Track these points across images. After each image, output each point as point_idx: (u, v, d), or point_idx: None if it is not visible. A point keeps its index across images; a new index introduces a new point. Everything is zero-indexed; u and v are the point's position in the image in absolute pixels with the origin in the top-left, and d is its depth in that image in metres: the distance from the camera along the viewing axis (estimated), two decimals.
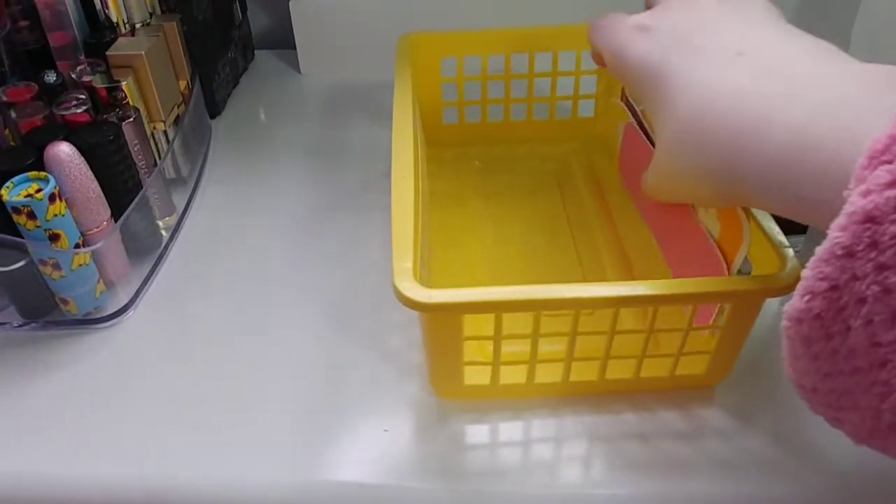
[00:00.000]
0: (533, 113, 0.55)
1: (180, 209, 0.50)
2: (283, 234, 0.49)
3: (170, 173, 0.52)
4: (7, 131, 0.43)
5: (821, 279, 0.20)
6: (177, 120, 0.52)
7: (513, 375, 0.36)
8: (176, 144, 0.51)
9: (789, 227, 0.33)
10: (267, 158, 0.57)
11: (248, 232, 0.49)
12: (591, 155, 0.55)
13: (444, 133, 0.56)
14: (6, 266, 0.39)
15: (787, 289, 0.31)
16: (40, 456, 0.36)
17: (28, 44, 0.48)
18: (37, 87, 0.44)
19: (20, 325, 0.42)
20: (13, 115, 0.42)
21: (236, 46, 0.65)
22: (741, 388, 0.38)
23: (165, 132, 0.50)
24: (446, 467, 0.35)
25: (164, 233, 0.48)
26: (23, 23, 0.47)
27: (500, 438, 0.36)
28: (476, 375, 0.36)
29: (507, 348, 0.34)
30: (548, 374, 0.36)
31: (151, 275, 0.45)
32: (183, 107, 0.53)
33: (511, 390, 0.37)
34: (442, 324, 0.33)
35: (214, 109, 0.61)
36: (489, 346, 0.34)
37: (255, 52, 0.70)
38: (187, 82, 0.54)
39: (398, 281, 0.31)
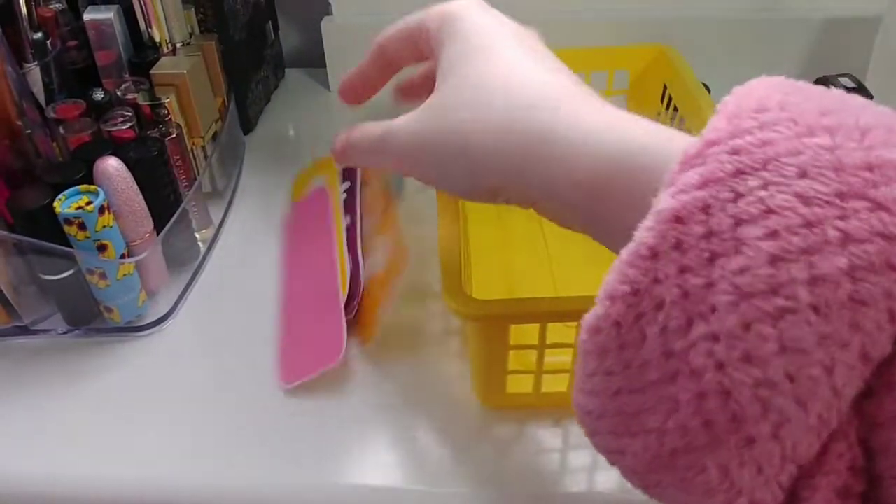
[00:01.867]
0: None
1: (217, 222, 0.52)
2: None
3: (207, 187, 0.53)
4: (56, 146, 0.45)
5: (622, 282, 0.19)
6: (214, 136, 0.54)
7: (554, 384, 0.37)
8: (213, 159, 0.53)
9: None
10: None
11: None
12: None
13: None
14: (55, 275, 0.41)
15: None
16: (83, 458, 0.37)
17: (76, 63, 0.50)
18: (84, 104, 0.46)
19: (64, 332, 0.44)
20: (62, 130, 0.44)
21: (268, 65, 0.67)
22: None
23: (203, 148, 0.52)
24: (489, 473, 0.36)
25: (201, 245, 0.50)
26: (71, 43, 0.49)
27: (541, 445, 0.37)
28: (519, 384, 0.37)
29: (550, 358, 0.35)
30: None
31: (190, 285, 0.47)
32: (220, 123, 0.54)
33: (552, 399, 0.38)
34: (489, 333, 0.34)
35: (248, 126, 0.63)
36: (532, 355, 0.35)
37: (286, 70, 0.72)
38: (223, 99, 0.56)
39: (448, 292, 0.32)
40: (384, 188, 0.50)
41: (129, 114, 0.46)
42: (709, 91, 0.61)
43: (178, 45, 0.53)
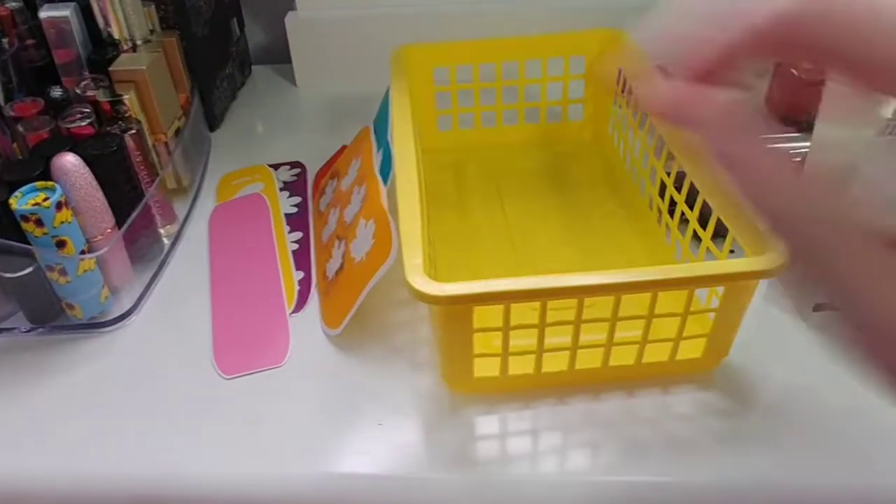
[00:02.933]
0: (524, 118, 0.57)
1: (182, 217, 0.52)
2: None
3: (171, 183, 0.53)
4: (15, 145, 0.44)
5: None
6: (177, 132, 0.53)
7: (521, 366, 0.37)
8: (176, 155, 0.52)
9: None
10: None
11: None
12: (582, 157, 0.56)
13: (440, 140, 0.57)
14: (15, 272, 0.41)
15: (778, 270, 0.32)
16: (48, 455, 0.37)
17: (34, 61, 0.50)
18: (43, 102, 0.45)
19: (28, 331, 0.43)
20: (21, 129, 0.44)
21: (234, 62, 0.67)
22: (738, 369, 0.39)
23: (166, 144, 0.52)
24: (459, 457, 0.36)
25: (165, 240, 0.49)
26: (29, 41, 0.49)
27: (510, 428, 0.37)
28: (486, 368, 0.37)
29: (515, 341, 0.35)
30: (554, 364, 0.37)
31: (154, 280, 0.47)
32: (183, 119, 0.54)
33: (520, 381, 0.38)
34: (453, 316, 0.34)
35: (214, 122, 0.62)
36: (498, 339, 0.35)
37: (253, 67, 0.72)
38: (187, 96, 0.56)
39: (410, 276, 0.32)
40: (371, 173, 0.50)
41: (88, 111, 0.45)
42: None
43: (139, 43, 0.53)
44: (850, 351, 0.19)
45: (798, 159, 0.43)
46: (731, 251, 0.38)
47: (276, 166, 0.58)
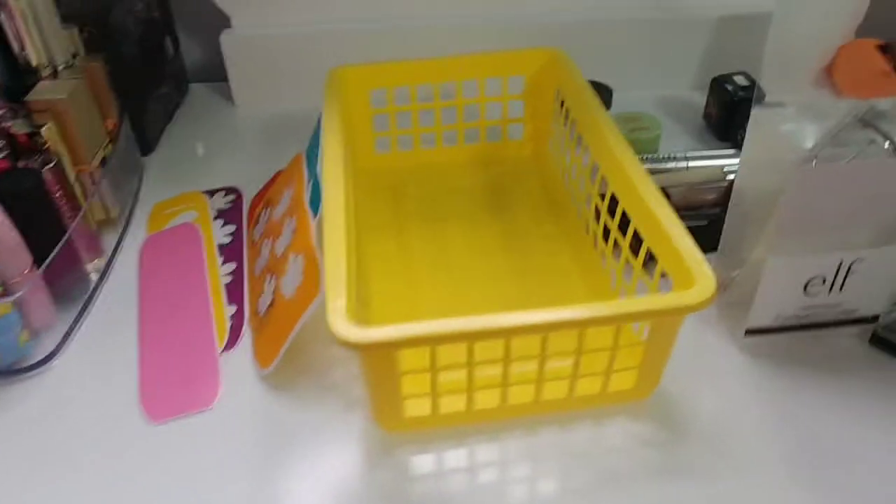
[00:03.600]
0: (464, 139, 0.57)
1: (110, 251, 0.50)
2: None
3: (99, 214, 0.51)
4: None
5: None
6: (104, 161, 0.52)
7: (453, 404, 0.36)
8: (103, 186, 0.51)
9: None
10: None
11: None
12: (523, 177, 0.56)
13: (379, 162, 0.56)
14: None
15: (705, 304, 0.32)
16: None
17: None
18: None
19: None
20: None
21: (169, 81, 0.65)
22: (671, 397, 0.39)
23: (91, 174, 0.50)
24: (393, 497, 0.35)
25: (92, 276, 0.48)
26: None
27: (445, 466, 0.37)
28: (417, 407, 0.36)
29: (446, 377, 0.35)
30: (487, 400, 0.37)
31: (78, 320, 0.45)
32: (110, 147, 0.52)
33: (453, 418, 0.37)
34: (377, 360, 0.33)
35: (146, 146, 0.60)
36: (428, 376, 0.35)
37: (190, 85, 0.70)
38: (115, 121, 0.54)
39: (331, 321, 0.31)
40: (301, 206, 0.48)
41: (2, 143, 0.43)
42: (611, 92, 0.62)
43: (60, 68, 0.50)
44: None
45: (731, 177, 0.44)
46: (663, 275, 0.38)
47: (211, 192, 0.56)
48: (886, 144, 0.35)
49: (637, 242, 0.40)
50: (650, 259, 0.39)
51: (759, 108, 0.38)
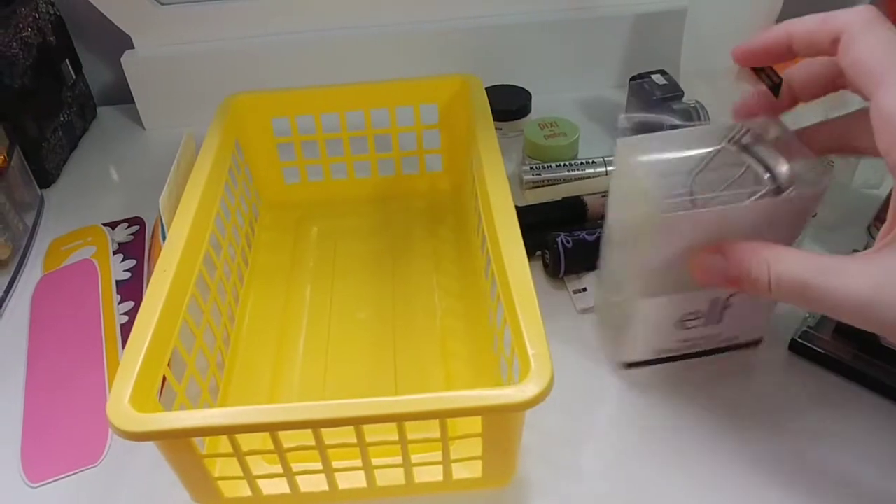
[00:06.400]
0: (378, 170, 0.54)
1: (0, 294, 0.47)
2: None
3: None
4: None
5: None
6: None
7: (277, 486, 0.33)
8: None
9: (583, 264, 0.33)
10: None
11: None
12: (439, 211, 0.53)
13: (289, 194, 0.54)
14: None
15: (533, 402, 0.28)
16: None
17: None
18: None
19: None
20: None
21: (71, 108, 0.62)
22: (533, 484, 0.36)
23: None
24: None
25: None
26: None
27: None
28: (236, 489, 0.33)
29: (269, 458, 0.31)
30: (316, 484, 0.33)
31: None
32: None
33: (278, 501, 0.34)
34: (172, 446, 0.30)
35: (46, 178, 0.58)
36: (235, 461, 0.31)
37: (99, 109, 0.67)
38: (4, 157, 0.51)
39: (110, 408, 0.28)
40: (157, 244, 0.46)
41: None
42: (530, 96, 0.60)
43: None
44: None
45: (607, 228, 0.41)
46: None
47: (113, 224, 0.54)
48: (761, 170, 0.33)
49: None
50: None
51: (622, 138, 0.36)
